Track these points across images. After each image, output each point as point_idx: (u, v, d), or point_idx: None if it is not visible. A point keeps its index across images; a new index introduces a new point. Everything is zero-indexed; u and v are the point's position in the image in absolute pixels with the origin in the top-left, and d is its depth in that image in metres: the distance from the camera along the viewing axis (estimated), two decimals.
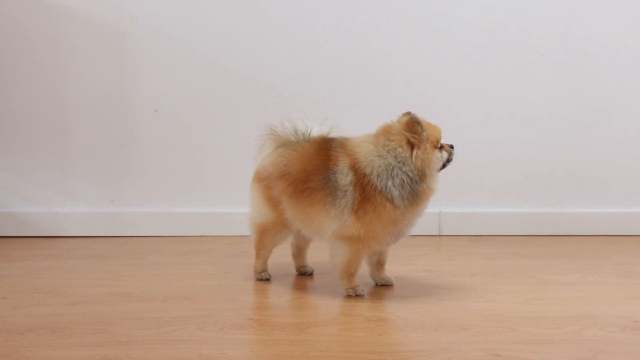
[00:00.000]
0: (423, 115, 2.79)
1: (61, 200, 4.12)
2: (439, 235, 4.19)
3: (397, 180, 2.64)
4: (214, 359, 2.10)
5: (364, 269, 2.91)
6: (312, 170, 2.75)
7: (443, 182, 2.78)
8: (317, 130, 2.97)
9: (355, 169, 2.67)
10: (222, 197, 4.16)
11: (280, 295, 2.84)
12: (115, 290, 2.88)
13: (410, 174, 2.64)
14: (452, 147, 2.82)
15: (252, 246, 3.05)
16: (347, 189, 2.66)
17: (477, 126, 4.21)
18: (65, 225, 4.10)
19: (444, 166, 2.78)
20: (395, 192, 2.63)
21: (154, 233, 4.12)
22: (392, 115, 2.82)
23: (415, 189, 2.65)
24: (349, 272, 2.77)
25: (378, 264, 2.95)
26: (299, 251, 3.19)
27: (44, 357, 2.11)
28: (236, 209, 4.12)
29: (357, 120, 3.09)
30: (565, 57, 4.20)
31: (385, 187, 2.63)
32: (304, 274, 3.18)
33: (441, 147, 2.75)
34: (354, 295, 2.77)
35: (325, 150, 2.77)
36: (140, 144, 4.12)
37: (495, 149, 4.22)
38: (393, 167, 2.64)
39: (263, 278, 3.09)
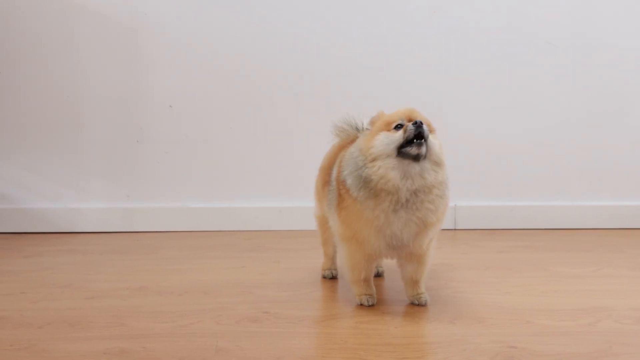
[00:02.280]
0: (437, 109, 2.74)
1: (77, 196, 4.14)
2: (454, 229, 4.19)
3: (350, 168, 2.46)
4: (230, 351, 2.11)
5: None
6: (333, 163, 2.71)
7: (458, 176, 2.61)
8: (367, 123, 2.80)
9: (339, 162, 2.60)
10: (237, 191, 4.18)
11: (296, 289, 2.84)
12: (131, 284, 2.90)
13: (357, 159, 2.45)
14: (415, 123, 2.38)
15: (268, 241, 3.02)
16: (333, 183, 2.59)
17: (491, 121, 4.21)
18: (81, 220, 4.12)
19: (408, 148, 2.37)
20: (349, 180, 2.45)
21: (169, 228, 4.14)
22: None
23: (362, 175, 2.40)
24: (353, 277, 2.62)
25: (410, 280, 2.61)
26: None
27: (62, 350, 2.12)
28: (252, 203, 4.15)
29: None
30: (580, 54, 4.20)
31: (345, 177, 2.48)
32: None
33: (398, 127, 2.42)
34: (359, 303, 2.61)
35: (348, 146, 2.67)
36: (155, 139, 4.14)
37: (509, 143, 4.22)
38: (351, 154, 2.50)
39: (326, 276, 3.02)
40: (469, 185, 4.17)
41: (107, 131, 4.13)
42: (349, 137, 2.82)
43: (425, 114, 2.49)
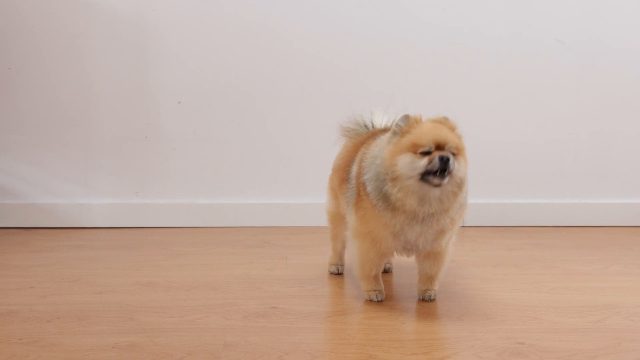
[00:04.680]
0: (444, 106, 2.69)
1: (86, 192, 4.15)
2: (462, 226, 4.18)
3: (371, 174, 2.43)
4: (238, 346, 2.12)
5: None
6: (350, 161, 2.67)
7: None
8: (378, 120, 2.81)
9: (360, 161, 2.56)
10: (245, 188, 4.18)
11: (303, 284, 2.85)
12: (139, 279, 2.91)
13: (379, 168, 2.40)
14: (442, 158, 2.27)
15: (276, 237, 3.02)
16: (353, 181, 2.57)
17: (499, 118, 4.20)
18: (89, 216, 4.13)
19: (431, 177, 2.30)
20: (369, 187, 2.42)
21: (177, 224, 4.14)
22: (412, 110, 2.63)
23: (381, 188, 2.38)
24: (363, 273, 2.61)
25: (425, 275, 2.61)
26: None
27: (71, 344, 2.13)
28: (259, 200, 4.15)
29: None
30: (589, 51, 4.18)
31: (365, 180, 2.45)
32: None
33: (426, 154, 2.31)
34: (367, 299, 2.61)
35: (367, 142, 2.65)
36: (163, 135, 4.15)
37: (518, 140, 4.21)
38: (374, 159, 2.44)
39: (331, 272, 3.03)
40: (477, 183, 4.14)
41: (115, 127, 4.14)
42: (360, 136, 2.80)
43: (454, 125, 2.44)
